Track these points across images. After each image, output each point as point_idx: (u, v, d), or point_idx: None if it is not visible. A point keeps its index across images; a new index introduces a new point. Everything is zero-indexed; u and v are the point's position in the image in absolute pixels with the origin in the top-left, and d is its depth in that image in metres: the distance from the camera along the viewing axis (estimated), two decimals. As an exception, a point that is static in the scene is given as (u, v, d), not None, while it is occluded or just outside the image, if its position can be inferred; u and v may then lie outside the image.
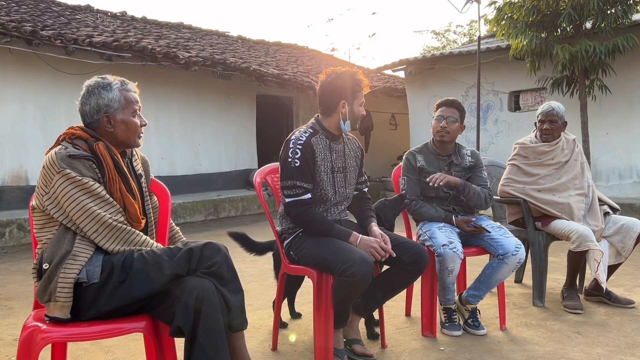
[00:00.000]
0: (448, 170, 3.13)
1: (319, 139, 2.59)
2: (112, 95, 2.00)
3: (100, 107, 1.98)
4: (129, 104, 2.03)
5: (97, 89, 2.00)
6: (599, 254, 3.29)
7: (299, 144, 2.53)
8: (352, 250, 2.38)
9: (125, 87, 2.05)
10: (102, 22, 9.58)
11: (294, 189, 2.50)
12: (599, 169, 8.16)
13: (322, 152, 2.58)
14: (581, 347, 2.77)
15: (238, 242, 3.18)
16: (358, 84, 2.60)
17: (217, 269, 1.87)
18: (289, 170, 2.51)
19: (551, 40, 7.27)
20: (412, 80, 10.37)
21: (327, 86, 2.60)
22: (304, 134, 2.58)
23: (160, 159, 8.47)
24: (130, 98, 2.04)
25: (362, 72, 2.68)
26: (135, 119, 2.05)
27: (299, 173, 2.50)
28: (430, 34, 29.72)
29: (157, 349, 1.93)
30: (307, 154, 2.52)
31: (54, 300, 1.80)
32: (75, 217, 1.85)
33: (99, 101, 1.98)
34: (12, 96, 6.88)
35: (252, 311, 3.42)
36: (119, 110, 2.01)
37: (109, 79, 2.04)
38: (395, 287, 2.65)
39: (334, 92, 2.58)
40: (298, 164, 2.50)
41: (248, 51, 11.57)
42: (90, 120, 2.01)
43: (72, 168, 1.85)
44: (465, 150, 3.22)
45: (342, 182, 2.66)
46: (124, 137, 2.03)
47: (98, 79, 2.03)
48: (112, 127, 2.01)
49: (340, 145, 2.67)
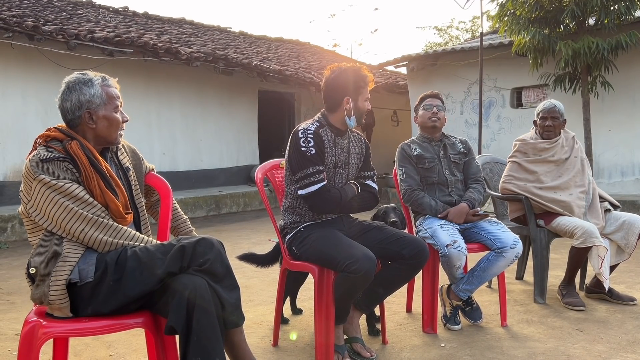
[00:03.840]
0: (444, 154, 3.19)
1: (325, 132, 2.59)
2: (94, 90, 1.96)
3: (82, 103, 1.95)
4: (110, 100, 1.99)
5: (78, 84, 1.96)
6: (603, 251, 3.29)
7: (309, 133, 2.52)
8: (355, 246, 2.38)
9: (106, 82, 2.01)
10: (103, 18, 9.57)
11: (316, 175, 2.46)
12: (601, 166, 8.14)
13: (329, 145, 2.57)
14: (582, 344, 2.77)
15: (249, 262, 3.16)
16: (362, 80, 2.59)
17: (209, 266, 1.84)
18: (306, 158, 2.47)
19: (554, 36, 7.24)
20: (414, 77, 10.35)
21: (331, 82, 2.59)
22: (311, 125, 2.58)
23: (161, 155, 8.48)
24: (111, 94, 2.00)
25: (366, 67, 2.67)
26: (117, 115, 2.02)
27: (318, 158, 2.49)
28: (433, 30, 29.63)
29: (158, 343, 1.93)
30: (318, 142, 2.52)
31: (47, 303, 1.80)
32: (59, 220, 1.83)
33: (81, 97, 1.95)
34: (14, 91, 6.89)
35: (253, 307, 3.43)
36: (101, 106, 1.97)
37: (90, 75, 1.99)
38: (396, 282, 2.64)
39: (338, 88, 2.57)
40: (314, 152, 2.48)
41: (250, 47, 11.55)
42: (71, 117, 1.97)
43: (46, 173, 1.83)
44: (453, 138, 3.30)
45: (343, 179, 2.65)
46: (106, 133, 2.00)
47: (78, 74, 2.00)
48: (94, 123, 1.97)
49: (346, 140, 2.66)
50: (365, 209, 2.69)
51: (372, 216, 3.00)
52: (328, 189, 2.50)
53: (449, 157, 3.18)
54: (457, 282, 3.00)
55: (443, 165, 3.15)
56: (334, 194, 2.52)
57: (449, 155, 3.19)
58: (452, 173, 3.16)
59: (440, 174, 3.14)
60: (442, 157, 3.18)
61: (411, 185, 3.10)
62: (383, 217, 2.94)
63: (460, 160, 3.21)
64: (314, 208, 2.53)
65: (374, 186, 2.75)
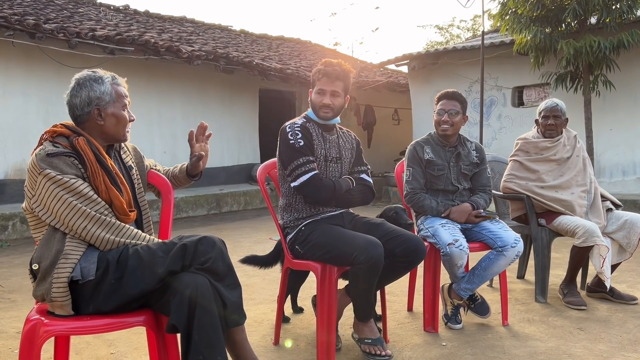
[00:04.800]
0: (455, 163, 3.13)
1: (312, 127, 2.64)
2: (104, 88, 1.99)
3: (91, 100, 1.97)
4: (119, 98, 2.02)
5: (88, 81, 1.99)
6: (605, 250, 3.28)
7: (296, 127, 2.58)
8: (358, 236, 2.38)
9: (116, 81, 2.04)
10: (104, 16, 9.57)
11: (306, 164, 2.49)
12: (603, 165, 8.13)
13: (317, 138, 2.62)
14: (583, 343, 2.77)
15: (251, 265, 3.18)
16: (318, 72, 2.62)
17: (211, 265, 1.84)
18: (295, 150, 2.52)
19: (555, 35, 7.23)
20: (415, 75, 10.34)
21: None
22: (298, 120, 2.65)
23: (162, 153, 8.47)
24: (120, 92, 2.04)
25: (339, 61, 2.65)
26: (125, 113, 2.05)
27: (307, 149, 2.52)
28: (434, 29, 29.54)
29: (159, 342, 1.93)
30: (306, 134, 2.56)
31: (49, 300, 1.80)
32: (62, 215, 1.83)
33: (91, 93, 1.97)
34: (15, 89, 6.88)
35: (254, 305, 3.43)
36: (110, 104, 2.00)
37: (100, 73, 2.03)
38: (387, 278, 2.60)
39: (310, 82, 2.67)
40: (302, 143, 2.53)
41: (251, 45, 11.55)
42: (80, 113, 1.98)
43: (52, 167, 1.83)
44: (469, 144, 3.21)
45: (337, 173, 2.66)
46: (114, 131, 2.02)
47: (89, 72, 2.02)
48: (103, 120, 1.99)
49: (334, 136, 2.70)
50: (363, 202, 2.70)
51: (378, 215, 2.95)
52: (320, 178, 2.53)
53: (459, 167, 3.12)
54: (458, 281, 2.99)
55: (452, 175, 3.11)
56: (327, 182, 2.54)
57: (460, 166, 3.13)
58: (459, 182, 3.13)
59: (447, 182, 3.11)
60: (452, 165, 3.12)
61: (415, 188, 3.10)
62: (395, 218, 2.89)
63: (470, 171, 3.16)
64: (308, 198, 2.56)
65: (369, 180, 2.76)
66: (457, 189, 3.12)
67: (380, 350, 2.50)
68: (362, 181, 2.73)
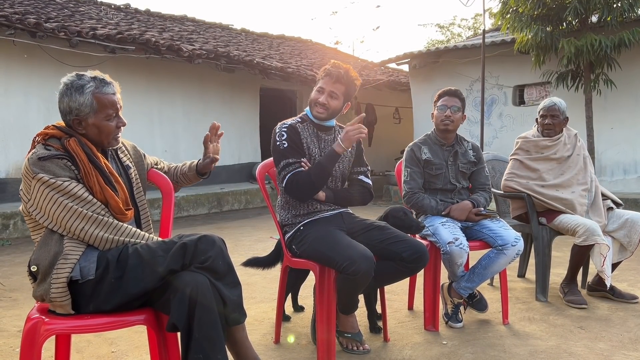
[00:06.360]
0: (453, 161, 3.14)
1: (305, 127, 2.65)
2: (83, 99, 1.92)
3: (71, 109, 1.93)
4: (102, 109, 1.94)
5: (70, 89, 1.93)
6: (605, 248, 3.28)
7: (283, 128, 2.61)
8: (353, 246, 2.37)
9: (100, 90, 1.94)
10: (105, 15, 9.57)
11: (290, 166, 2.52)
12: (604, 163, 8.12)
13: (309, 138, 2.62)
14: (584, 342, 2.77)
15: (254, 267, 3.18)
16: (323, 70, 2.64)
17: (211, 263, 1.83)
18: (279, 152, 2.56)
19: (556, 33, 7.22)
20: (416, 74, 10.33)
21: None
22: (290, 120, 2.67)
23: (164, 152, 8.47)
24: (104, 102, 1.94)
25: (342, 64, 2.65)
26: (109, 122, 1.97)
27: (289, 151, 2.54)
28: (435, 28, 29.54)
29: (160, 340, 1.93)
30: (292, 135, 2.58)
31: (49, 300, 1.80)
32: (59, 218, 1.83)
33: (70, 104, 1.93)
34: (16, 88, 6.89)
35: (255, 304, 3.43)
36: (90, 115, 1.93)
37: (84, 79, 1.94)
38: (389, 279, 2.64)
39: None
40: (286, 145, 2.55)
41: (252, 44, 11.54)
42: (64, 119, 1.98)
43: (45, 171, 1.82)
44: (467, 144, 3.23)
45: (334, 173, 2.66)
46: (97, 140, 1.98)
47: (74, 77, 1.95)
48: (84, 129, 1.96)
49: (331, 136, 2.69)
50: (361, 203, 2.72)
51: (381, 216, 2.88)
52: (296, 174, 2.52)
53: (457, 166, 3.14)
54: (459, 279, 2.99)
55: (450, 174, 3.13)
56: (302, 176, 2.51)
57: (458, 164, 3.15)
58: (458, 181, 3.14)
59: (445, 181, 3.12)
60: (450, 164, 3.14)
61: (413, 188, 3.10)
62: (404, 220, 2.80)
63: (468, 170, 3.18)
64: (294, 197, 2.58)
65: (368, 181, 2.76)
66: (456, 187, 3.13)
67: (357, 345, 2.56)
68: (361, 182, 2.74)
